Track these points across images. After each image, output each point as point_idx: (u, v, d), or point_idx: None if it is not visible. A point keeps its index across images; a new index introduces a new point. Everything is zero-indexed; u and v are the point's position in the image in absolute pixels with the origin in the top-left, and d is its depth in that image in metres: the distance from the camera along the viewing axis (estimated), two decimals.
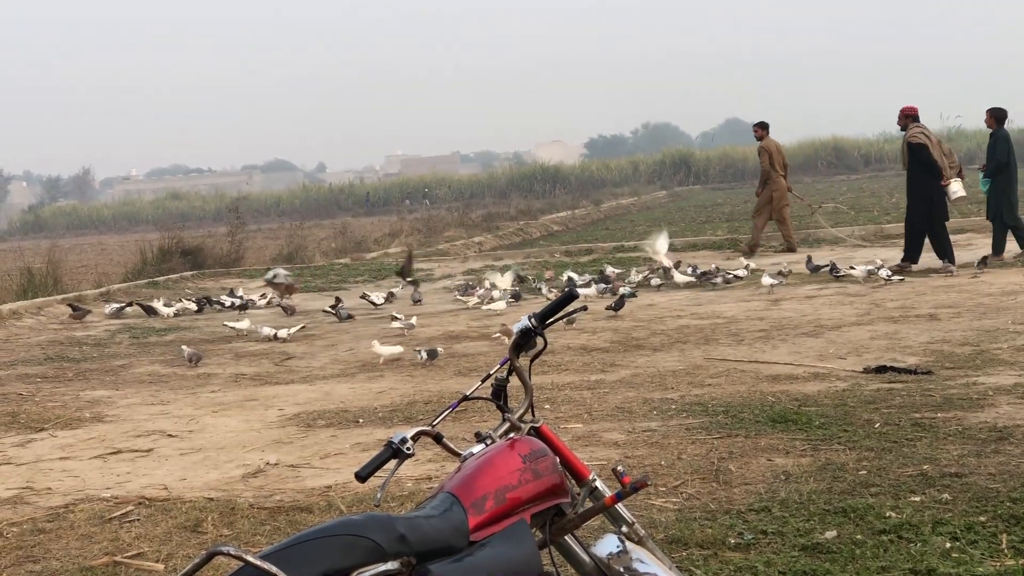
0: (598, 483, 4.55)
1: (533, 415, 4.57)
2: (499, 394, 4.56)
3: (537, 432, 4.48)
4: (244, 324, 18.64)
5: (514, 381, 4.58)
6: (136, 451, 10.83)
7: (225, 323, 19.16)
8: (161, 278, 28.29)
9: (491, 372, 4.60)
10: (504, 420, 4.49)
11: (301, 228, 39.41)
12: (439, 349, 14.86)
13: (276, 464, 9.91)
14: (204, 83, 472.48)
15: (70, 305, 22.41)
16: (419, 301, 21.54)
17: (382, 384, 13.50)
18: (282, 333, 17.63)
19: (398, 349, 15.48)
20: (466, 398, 4.59)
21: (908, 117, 21.55)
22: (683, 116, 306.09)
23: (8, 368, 16.56)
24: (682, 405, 11.05)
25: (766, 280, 19.92)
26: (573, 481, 4.52)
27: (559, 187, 76.59)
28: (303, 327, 18.42)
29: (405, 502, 8.09)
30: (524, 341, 4.62)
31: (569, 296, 4.57)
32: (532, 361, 4.71)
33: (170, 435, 11.45)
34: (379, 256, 34.01)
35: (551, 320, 4.60)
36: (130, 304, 23.01)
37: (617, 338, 15.22)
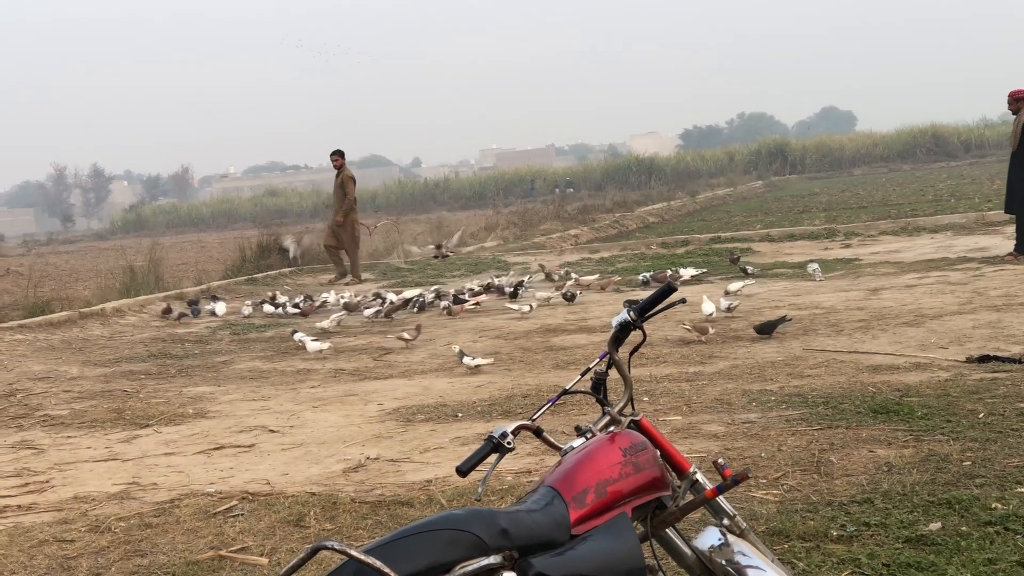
0: (699, 476, 4.54)
1: (633, 408, 4.57)
2: (599, 388, 4.57)
3: (637, 425, 4.48)
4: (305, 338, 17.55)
5: (613, 374, 4.58)
6: (239, 446, 10.95)
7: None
8: (260, 275, 28.49)
9: (590, 366, 4.61)
10: (604, 414, 4.50)
11: (397, 223, 39.54)
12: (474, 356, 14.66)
13: (377, 458, 9.97)
14: (299, 81, 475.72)
15: (167, 310, 22.44)
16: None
17: (480, 378, 13.54)
18: (314, 346, 17.11)
19: (325, 346, 16.44)
20: (566, 392, 4.61)
21: (1019, 100, 21.15)
22: (779, 105, 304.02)
23: (113, 365, 16.81)
24: (781, 396, 10.97)
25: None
26: (674, 474, 4.51)
27: (654, 178, 76.46)
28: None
29: (506, 496, 8.11)
30: (623, 334, 4.63)
31: (668, 289, 4.56)
32: (631, 354, 4.71)
33: (271, 430, 11.56)
34: (475, 250, 34.07)
35: (650, 313, 4.60)
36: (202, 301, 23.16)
37: (715, 330, 15.14)
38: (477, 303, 20.16)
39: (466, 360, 14.08)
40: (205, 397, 13.77)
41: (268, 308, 21.93)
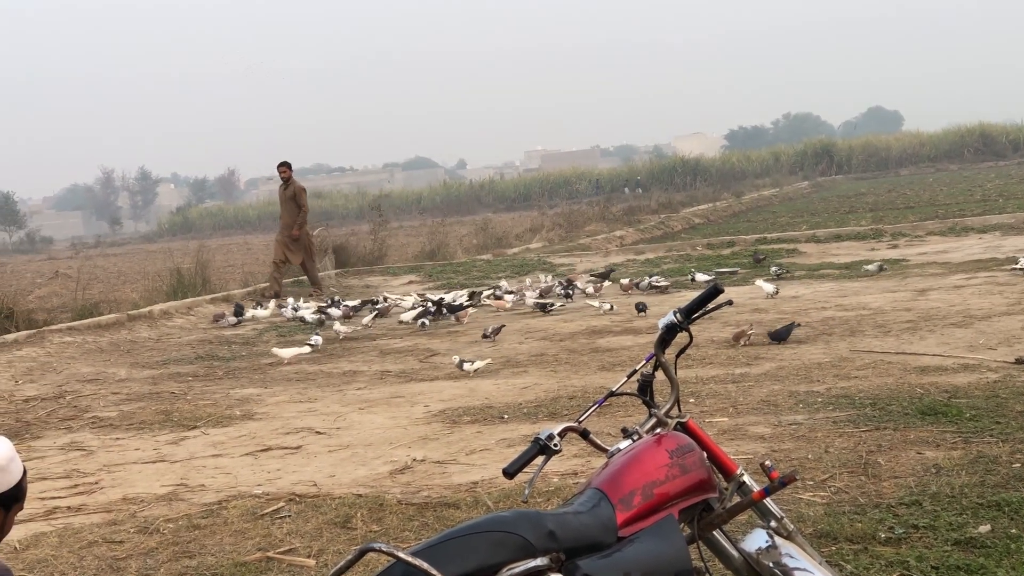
0: (746, 478, 4.54)
1: (679, 410, 4.57)
2: (645, 389, 4.57)
3: (683, 427, 4.48)
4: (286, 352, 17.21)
5: (660, 376, 4.58)
6: (285, 448, 11.00)
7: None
8: (305, 276, 28.54)
9: (637, 368, 4.61)
10: (650, 415, 4.50)
11: (442, 225, 39.65)
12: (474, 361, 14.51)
13: (423, 460, 9.99)
14: (343, 82, 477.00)
15: (220, 315, 22.37)
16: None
17: (526, 380, 13.54)
18: (288, 352, 17.13)
19: (303, 349, 16.72)
20: (612, 394, 4.61)
21: None
22: (825, 105, 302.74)
23: (160, 367, 16.91)
24: (828, 398, 10.93)
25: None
26: (720, 476, 4.51)
27: (700, 179, 76.26)
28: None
29: (552, 498, 8.12)
30: (669, 336, 4.62)
31: (714, 291, 4.56)
32: (678, 356, 4.71)
33: (318, 432, 11.60)
34: (520, 252, 34.10)
35: (696, 315, 4.59)
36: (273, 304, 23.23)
37: (761, 331, 15.09)
38: (465, 312, 19.81)
39: (466, 367, 14.16)
40: (252, 399, 13.84)
41: (288, 312, 22.05)
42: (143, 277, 32.00)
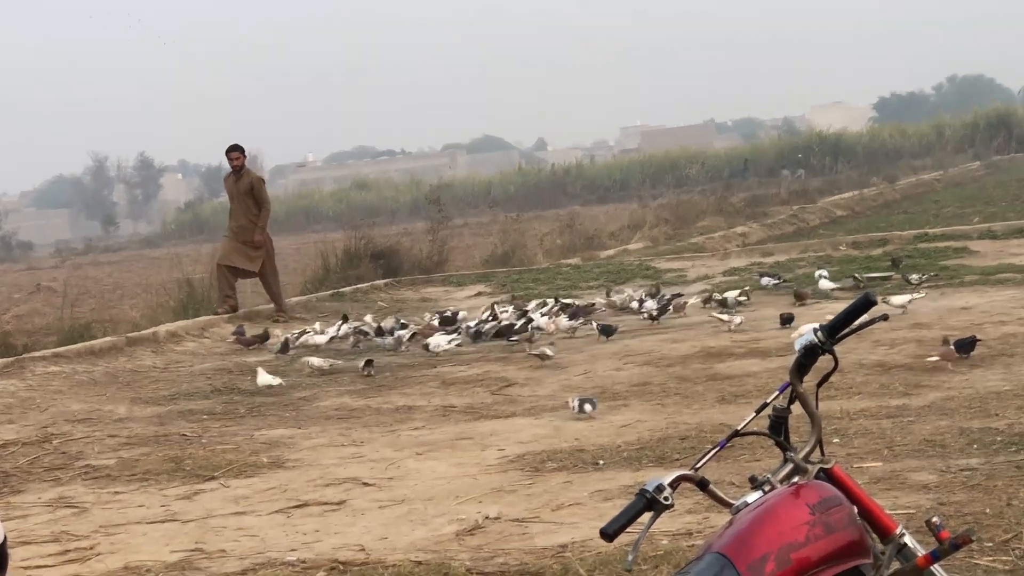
0: (907, 538, 4.52)
1: (822, 453, 4.56)
2: (778, 428, 4.55)
3: (827, 475, 4.47)
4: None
5: (796, 410, 4.58)
6: (325, 504, 11.06)
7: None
8: (348, 288, 28.55)
9: (768, 401, 4.60)
10: (785, 460, 4.49)
11: (518, 221, 39.54)
12: (594, 401, 14.10)
13: (497, 518, 10.02)
14: (391, 48, 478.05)
15: (239, 334, 22.45)
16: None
17: (626, 415, 13.55)
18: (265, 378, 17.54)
19: (277, 380, 17.17)
20: (737, 434, 4.60)
21: None
22: (1000, 66, 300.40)
23: (169, 403, 17.02)
24: (1010, 436, 10.86)
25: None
26: (875, 536, 4.50)
27: (842, 160, 75.80)
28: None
29: (661, 564, 8.12)
30: (808, 360, 4.61)
31: (865, 303, 4.54)
32: (820, 385, 4.69)
33: (366, 483, 11.65)
34: (617, 254, 34.09)
35: (843, 333, 4.58)
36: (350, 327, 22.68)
37: (921, 351, 15.02)
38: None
39: (588, 408, 13.64)
40: (283, 442, 13.92)
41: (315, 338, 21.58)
42: (145, 290, 32.19)
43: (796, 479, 4.40)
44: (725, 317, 19.21)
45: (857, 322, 4.59)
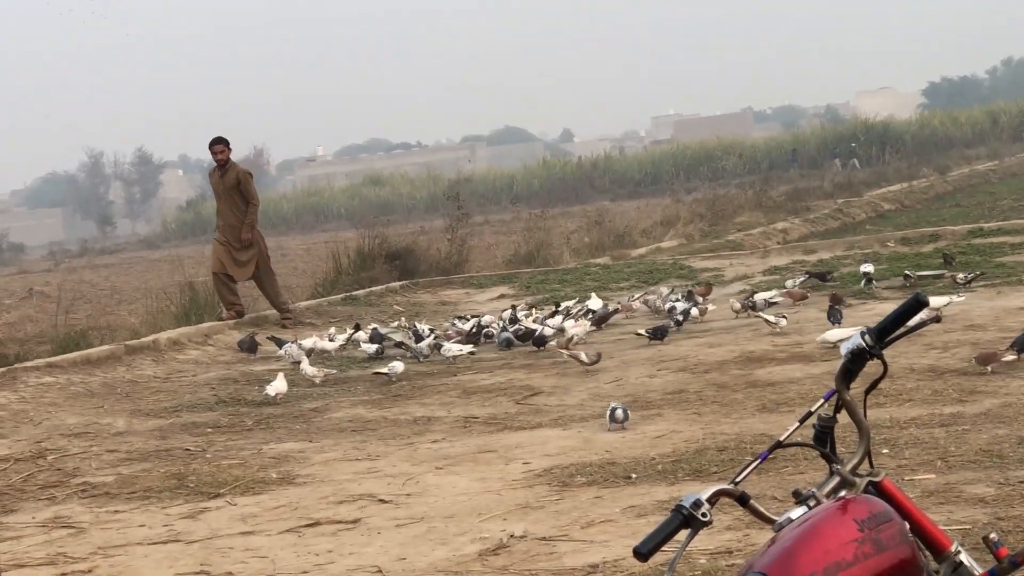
0: (963, 556, 4.50)
1: (871, 465, 4.55)
2: (824, 438, 4.54)
3: (877, 488, 4.46)
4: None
5: (843, 419, 4.57)
6: (339, 522, 11.07)
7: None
8: (361, 291, 28.50)
9: (812, 409, 4.59)
10: (832, 473, 4.48)
11: (543, 217, 39.52)
12: (626, 410, 13.94)
13: (523, 536, 10.02)
14: (404, 33, 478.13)
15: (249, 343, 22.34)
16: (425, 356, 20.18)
17: (660, 425, 13.54)
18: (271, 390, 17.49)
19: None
20: (779, 445, 4.59)
21: None
22: None
23: (170, 416, 17.03)
24: None
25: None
26: (928, 554, 4.49)
27: (889, 150, 75.75)
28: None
29: None
30: (855, 365, 4.60)
31: (915, 304, 4.53)
32: (868, 392, 4.68)
33: (382, 500, 11.66)
34: (649, 252, 34.08)
35: (893, 336, 4.57)
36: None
37: (1013, 356, 14.97)
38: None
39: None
40: (293, 456, 13.93)
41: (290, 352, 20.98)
42: (144, 295, 32.19)
43: (843, 493, 4.39)
44: (771, 319, 19.17)
45: (908, 324, 4.57)
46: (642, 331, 19.77)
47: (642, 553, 4.13)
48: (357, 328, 22.34)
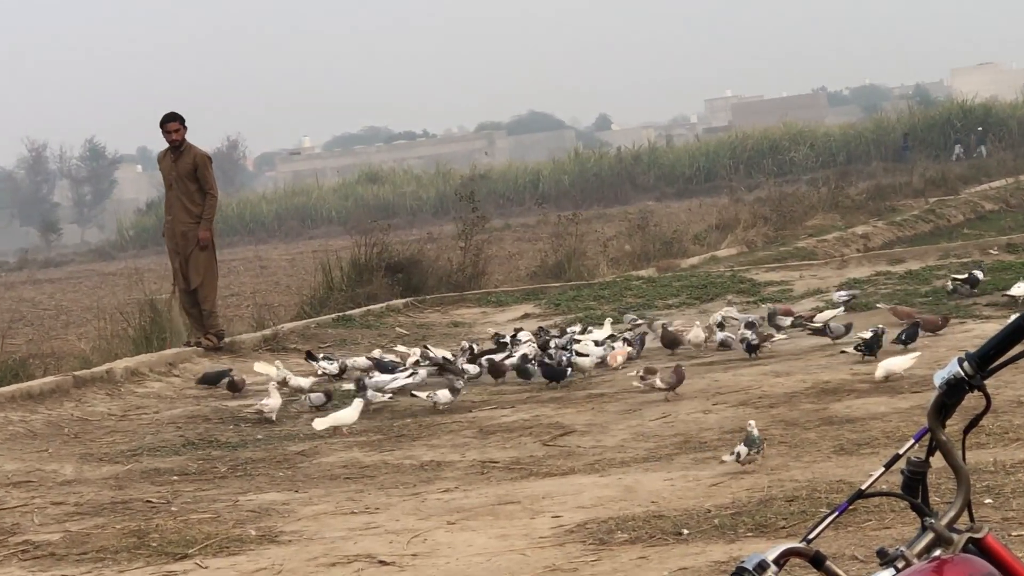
0: None
1: (971, 518, 4.55)
2: (914, 486, 4.53)
3: (978, 546, 4.46)
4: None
5: (937, 463, 4.57)
6: None
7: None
8: (357, 310, 28.49)
9: (900, 452, 4.59)
10: (924, 528, 4.49)
11: (574, 221, 39.55)
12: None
13: None
14: (408, 2, 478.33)
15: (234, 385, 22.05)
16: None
17: (716, 471, 13.54)
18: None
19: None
20: (861, 495, 4.59)
21: None
22: None
23: (129, 461, 17.02)
24: None
25: None
26: None
27: (992, 138, 75.64)
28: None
29: None
30: (952, 399, 4.58)
31: (1022, 326, 4.52)
32: (967, 431, 4.67)
33: (383, 562, 11.68)
34: (703, 262, 34.06)
35: (996, 364, 4.55)
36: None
37: None
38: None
39: (727, 459, 13.65)
40: (275, 509, 13.95)
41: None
42: (96, 316, 32.29)
43: (938, 552, 4.39)
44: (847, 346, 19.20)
45: (1016, 350, 4.57)
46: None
47: None
48: (309, 356, 22.20)
